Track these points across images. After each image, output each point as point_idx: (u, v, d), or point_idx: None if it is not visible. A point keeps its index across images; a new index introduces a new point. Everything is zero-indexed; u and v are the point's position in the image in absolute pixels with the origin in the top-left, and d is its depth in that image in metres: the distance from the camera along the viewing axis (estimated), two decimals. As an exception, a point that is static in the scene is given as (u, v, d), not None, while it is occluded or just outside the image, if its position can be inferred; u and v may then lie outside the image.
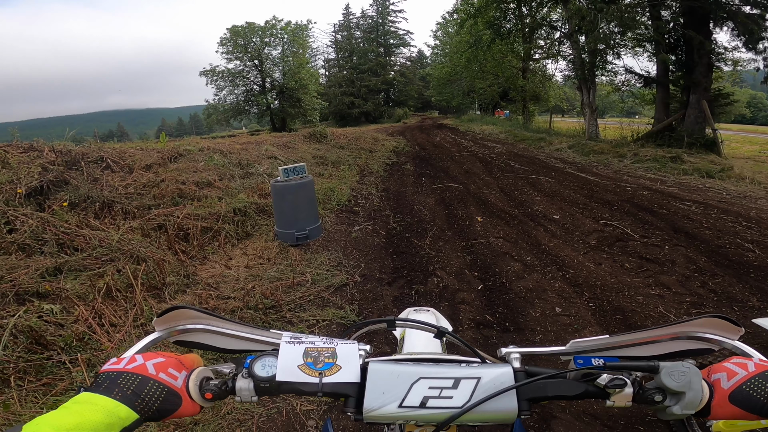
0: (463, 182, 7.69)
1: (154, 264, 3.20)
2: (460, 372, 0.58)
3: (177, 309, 0.64)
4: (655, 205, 5.49)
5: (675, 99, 10.95)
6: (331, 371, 0.59)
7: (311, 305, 3.16)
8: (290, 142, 10.03)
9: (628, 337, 0.65)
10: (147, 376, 0.52)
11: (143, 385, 0.51)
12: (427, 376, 0.57)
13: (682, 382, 0.53)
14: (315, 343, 0.62)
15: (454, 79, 32.95)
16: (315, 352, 0.61)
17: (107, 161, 4.92)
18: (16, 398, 2.00)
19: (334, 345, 0.62)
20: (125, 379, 0.50)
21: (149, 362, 0.54)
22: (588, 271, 3.63)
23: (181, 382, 0.55)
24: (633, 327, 2.85)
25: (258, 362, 0.60)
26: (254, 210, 4.87)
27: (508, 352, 0.67)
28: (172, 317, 0.65)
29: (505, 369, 0.59)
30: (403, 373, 0.58)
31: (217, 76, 32.12)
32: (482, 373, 0.58)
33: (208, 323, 0.66)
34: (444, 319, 1.58)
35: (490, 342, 2.77)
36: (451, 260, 4.01)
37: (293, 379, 0.58)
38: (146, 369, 0.53)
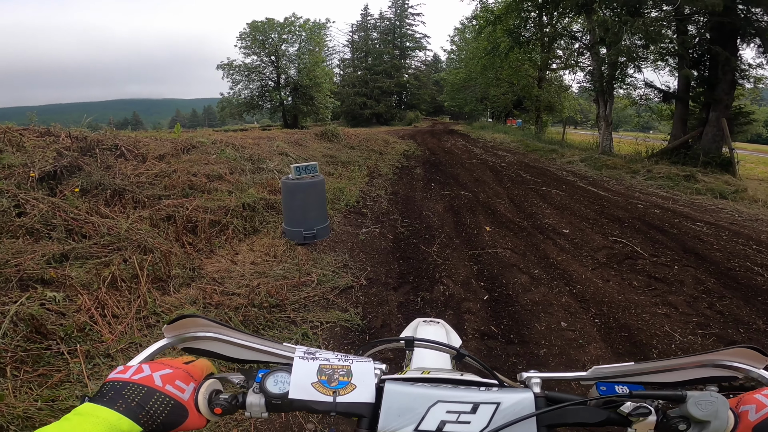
0: (472, 190, 7.65)
1: (161, 255, 3.21)
2: (478, 396, 0.56)
3: (188, 317, 0.63)
4: (666, 224, 5.41)
5: (693, 116, 10.76)
6: (346, 390, 0.57)
7: (316, 306, 3.14)
8: (302, 140, 10.06)
9: (653, 365, 0.63)
10: (153, 388, 0.50)
11: (149, 397, 0.49)
12: (445, 400, 0.55)
13: (709, 411, 0.52)
14: (329, 359, 0.61)
15: (468, 85, 32.86)
16: (329, 369, 0.59)
17: (122, 149, 4.96)
18: (10, 389, 1.99)
19: (349, 363, 0.61)
20: (130, 390, 0.49)
21: (156, 373, 0.52)
22: (595, 287, 3.58)
23: (188, 395, 0.53)
24: (638, 345, 2.82)
25: (270, 377, 0.58)
26: (263, 206, 4.88)
27: (528, 377, 0.65)
28: (182, 325, 0.63)
29: (525, 394, 0.57)
30: (421, 395, 0.56)
31: (234, 70, 32.33)
32: (502, 398, 0.56)
33: (218, 332, 0.65)
34: (454, 333, 1.56)
35: (494, 353, 2.74)
36: (458, 269, 3.98)
37: (306, 397, 0.56)
38: (153, 380, 0.51)
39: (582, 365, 2.64)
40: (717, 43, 9.36)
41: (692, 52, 10.32)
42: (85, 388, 2.14)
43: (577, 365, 2.65)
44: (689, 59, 10.29)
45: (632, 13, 10.40)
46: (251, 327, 2.77)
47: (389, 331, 2.93)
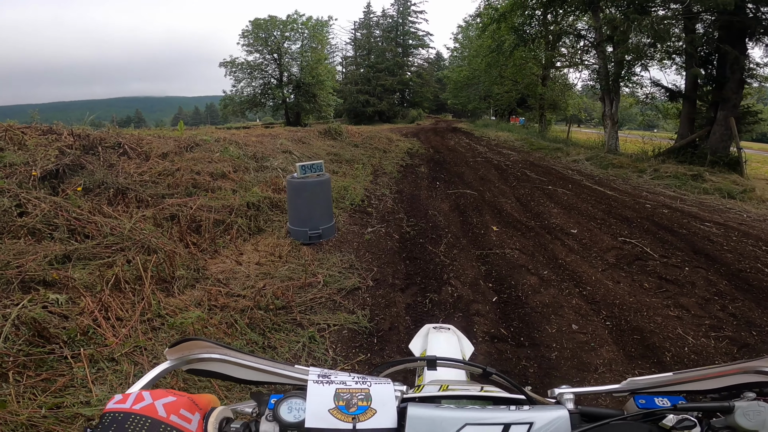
0: (478, 189, 7.58)
1: (165, 256, 3.16)
2: (509, 416, 0.52)
3: (190, 340, 0.58)
4: (675, 224, 5.34)
5: (701, 115, 10.66)
6: (366, 416, 0.53)
7: (322, 308, 3.09)
8: (305, 138, 10.00)
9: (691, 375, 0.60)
10: (157, 419, 0.45)
11: (153, 430, 0.44)
12: (474, 422, 0.51)
13: (757, 420, 0.50)
14: (346, 382, 0.56)
15: (471, 82, 32.72)
16: (347, 393, 0.55)
17: (124, 147, 4.91)
18: (13, 395, 1.95)
19: (367, 385, 0.56)
20: (133, 422, 0.44)
21: (159, 402, 0.47)
22: (606, 289, 3.51)
23: (195, 426, 0.48)
24: (651, 348, 2.76)
25: (284, 404, 0.54)
26: (267, 205, 4.83)
27: (561, 393, 0.62)
28: (185, 347, 0.59)
29: (560, 412, 0.53)
30: (447, 418, 0.52)
31: (236, 68, 32.32)
32: (534, 417, 0.52)
33: (224, 354, 0.60)
34: (465, 339, 1.51)
35: (504, 357, 2.69)
36: (465, 269, 3.92)
37: (324, 426, 0.52)
38: (156, 410, 0.46)
39: (594, 368, 2.59)
40: (726, 42, 9.25)
41: (700, 50, 10.21)
42: (89, 394, 2.10)
43: (589, 368, 2.59)
44: (697, 58, 10.17)
45: (640, 11, 10.29)
46: (258, 330, 2.72)
47: (398, 334, 2.87)
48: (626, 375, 2.52)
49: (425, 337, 1.46)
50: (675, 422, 0.52)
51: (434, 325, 1.52)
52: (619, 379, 0.65)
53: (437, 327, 1.49)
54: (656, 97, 12.66)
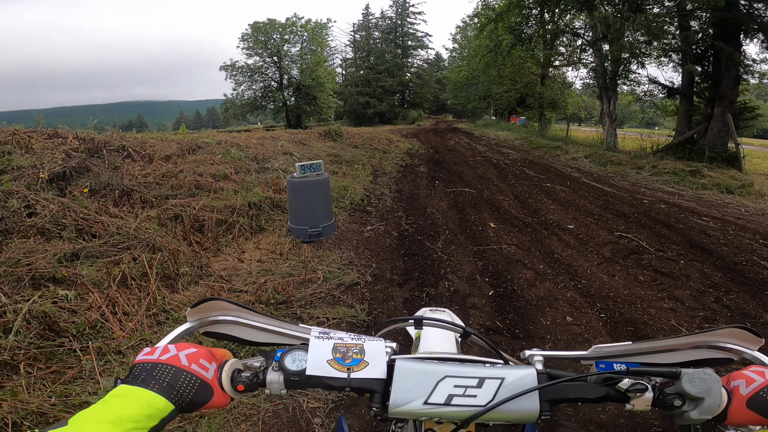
0: (476, 187, 7.66)
1: (169, 254, 3.25)
2: (484, 372, 0.58)
3: (210, 300, 0.66)
4: (672, 219, 5.40)
5: (698, 111, 10.72)
6: (359, 367, 0.60)
7: (322, 303, 3.17)
8: (305, 139, 10.10)
9: (650, 345, 0.66)
10: (180, 368, 0.52)
11: (177, 377, 0.52)
12: (453, 375, 0.58)
13: (702, 388, 0.54)
14: (343, 339, 0.64)
15: (471, 83, 32.78)
16: (343, 347, 0.62)
17: (128, 150, 5.01)
18: (24, 385, 2.04)
19: (362, 341, 0.64)
20: (161, 370, 0.51)
21: (182, 353, 0.55)
22: (601, 282, 3.58)
23: (212, 374, 0.56)
24: (643, 339, 2.81)
25: (288, 356, 0.61)
26: (268, 205, 4.92)
27: (531, 355, 0.68)
28: (204, 308, 0.66)
29: (528, 370, 0.59)
30: (430, 371, 0.59)
31: (237, 71, 32.43)
32: (506, 374, 0.58)
33: (238, 315, 0.67)
34: (459, 321, 1.58)
35: (499, 348, 2.75)
36: (462, 265, 3.99)
37: (322, 374, 0.59)
38: (179, 360, 0.53)
39: None
40: (720, 39, 9.31)
41: (695, 47, 10.27)
42: (96, 385, 2.19)
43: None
44: (692, 55, 10.22)
45: (634, 9, 10.36)
46: (259, 323, 2.80)
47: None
48: None
49: None
50: (629, 385, 0.57)
51: (430, 308, 1.56)
52: None
53: (433, 309, 1.54)
54: (654, 95, 12.73)
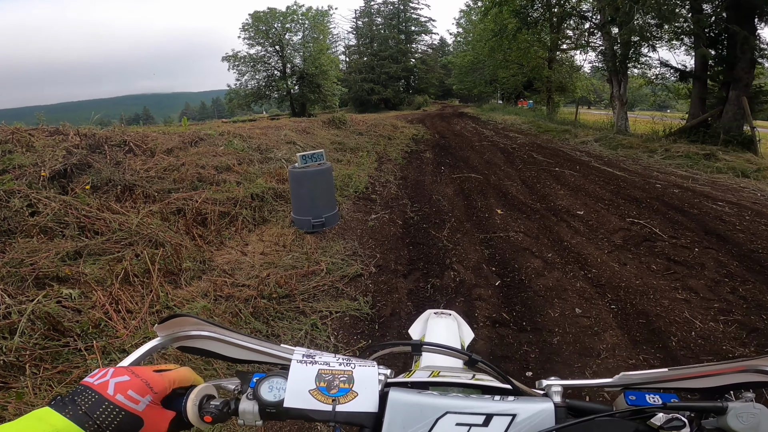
0: (483, 173, 7.53)
1: (172, 249, 3.22)
2: (492, 406, 0.51)
3: (179, 316, 0.60)
4: (686, 204, 5.24)
5: (712, 95, 10.43)
6: (347, 398, 0.53)
7: (325, 295, 3.13)
8: (309, 128, 10.00)
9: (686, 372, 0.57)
10: (104, 396, 0.47)
11: (98, 405, 0.47)
12: (455, 410, 0.51)
13: (750, 424, 0.48)
14: (330, 363, 0.57)
15: (476, 67, 32.25)
16: (329, 374, 0.55)
17: (130, 145, 4.98)
18: (30, 387, 2.03)
19: (350, 367, 0.56)
20: (86, 396, 0.47)
21: (114, 379, 0.49)
22: (612, 272, 3.49)
23: (143, 406, 0.50)
24: (656, 332, 2.73)
25: (265, 383, 0.55)
26: (271, 195, 4.87)
27: (548, 385, 0.59)
28: (174, 324, 0.60)
29: (544, 405, 0.51)
30: (428, 405, 0.52)
31: (239, 62, 32.27)
32: (518, 409, 0.51)
33: (213, 331, 0.61)
34: (466, 326, 1.50)
35: (505, 342, 2.70)
36: (468, 254, 3.92)
37: (303, 406, 0.52)
38: (107, 387, 0.48)
39: (597, 354, 2.58)
40: (734, 22, 9.01)
41: (708, 31, 9.95)
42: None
43: (591, 354, 2.58)
44: (706, 38, 9.92)
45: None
46: (261, 318, 2.77)
47: (399, 320, 2.90)
48: (630, 360, 2.51)
49: (425, 322, 1.44)
50: (664, 421, 0.49)
51: (435, 310, 1.47)
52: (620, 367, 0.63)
53: (438, 312, 1.44)
54: (666, 78, 12.40)
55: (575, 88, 23.15)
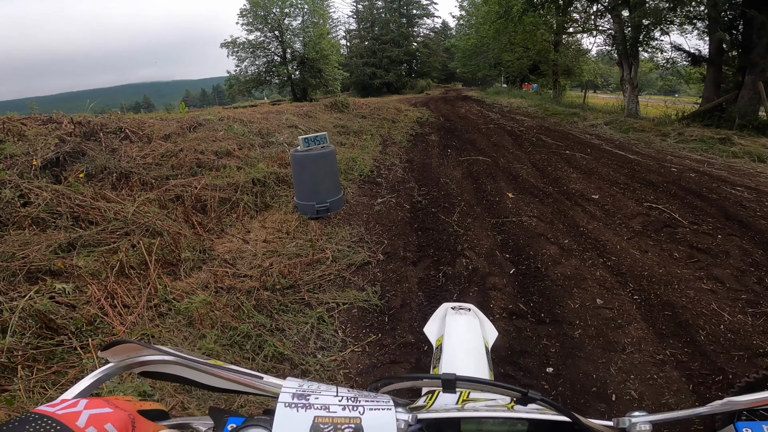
0: (491, 155, 7.31)
1: (170, 238, 3.06)
2: None
3: (123, 343, 0.47)
4: (703, 188, 5.02)
5: (727, 79, 10.25)
6: None
7: (331, 285, 2.98)
8: (311, 112, 9.76)
9: None
10: (70, 428, 0.38)
11: None
12: None
13: None
14: (330, 407, 0.41)
15: (480, 50, 31.63)
16: (329, 425, 0.39)
17: (126, 131, 4.78)
18: (22, 390, 1.89)
19: (358, 413, 0.40)
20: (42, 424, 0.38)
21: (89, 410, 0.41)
22: (632, 259, 3.31)
23: None
24: (683, 325, 2.57)
25: None
26: (274, 180, 4.69)
27: (634, 423, 0.45)
28: (123, 350, 0.47)
29: None
30: None
31: (238, 48, 31.73)
32: None
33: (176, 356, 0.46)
34: (488, 322, 1.35)
35: (523, 335, 2.54)
36: (480, 239, 3.75)
37: None
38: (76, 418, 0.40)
39: (622, 348, 2.42)
40: (751, 7, 8.76)
41: (724, 15, 9.72)
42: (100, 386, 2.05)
43: (616, 348, 2.42)
44: (722, 22, 9.69)
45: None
46: (265, 312, 2.62)
47: (410, 311, 2.75)
48: (657, 355, 2.34)
49: (442, 319, 1.29)
50: None
51: (452, 304, 1.34)
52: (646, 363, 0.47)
53: (456, 308, 1.31)
54: (677, 62, 12.21)
55: (582, 72, 22.66)
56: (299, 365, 2.31)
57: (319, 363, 2.33)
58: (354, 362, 2.36)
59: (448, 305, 1.34)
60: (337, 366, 2.32)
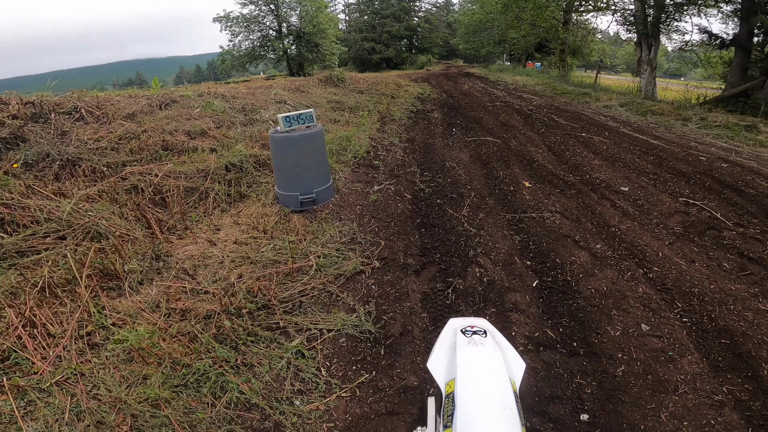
0: (501, 136, 6.67)
1: (116, 242, 2.47)
2: None
3: None
4: (739, 182, 4.42)
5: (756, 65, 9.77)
6: None
7: (314, 304, 2.41)
8: (304, 86, 8.99)
9: None
10: None
11: None
12: None
13: None
14: None
15: (485, 26, 30.43)
16: None
17: (81, 111, 4.09)
18: None
19: None
20: None
21: None
22: (679, 271, 2.75)
23: None
24: (743, 357, 2.07)
25: None
26: (253, 164, 4.05)
27: None
28: None
29: None
30: None
31: (232, 22, 30.37)
32: None
33: None
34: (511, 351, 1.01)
35: (553, 372, 2.01)
36: (496, 241, 3.17)
37: None
38: None
39: (674, 388, 1.92)
40: None
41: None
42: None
43: (667, 388, 1.92)
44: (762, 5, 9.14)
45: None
46: (228, 342, 2.05)
47: (412, 342, 2.19)
48: (715, 396, 1.87)
49: (452, 351, 0.99)
50: None
51: (462, 325, 1.05)
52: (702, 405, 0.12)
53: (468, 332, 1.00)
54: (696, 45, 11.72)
55: (591, 52, 21.72)
56: (270, 416, 1.78)
57: (296, 413, 1.79)
58: (341, 411, 1.82)
59: (457, 326, 1.07)
60: (319, 417, 1.78)
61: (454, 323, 1.10)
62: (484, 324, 1.07)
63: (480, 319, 1.09)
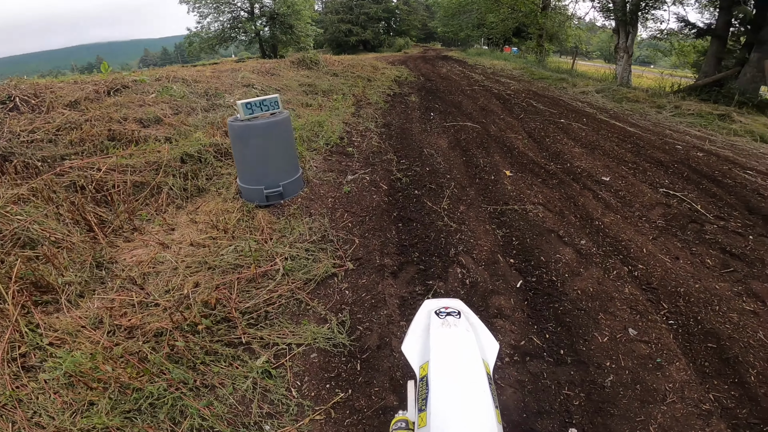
0: (480, 121, 6.50)
1: (50, 249, 2.14)
2: None
3: None
4: (716, 171, 4.40)
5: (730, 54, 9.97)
6: None
7: (281, 314, 2.18)
8: (274, 69, 8.52)
9: None
10: None
11: None
12: None
13: None
14: None
15: (464, 10, 30.04)
16: None
17: (15, 100, 3.62)
18: None
19: None
20: None
21: None
22: (663, 268, 2.65)
23: None
24: (730, 363, 1.99)
25: None
26: (213, 154, 3.71)
27: None
28: None
29: None
30: None
31: (200, 3, 28.69)
32: None
33: None
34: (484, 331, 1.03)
35: (540, 383, 1.87)
36: (478, 237, 3.01)
37: None
38: None
39: (662, 397, 1.83)
40: None
41: None
42: None
43: (655, 398, 1.82)
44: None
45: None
46: (184, 361, 1.80)
47: (390, 355, 2.00)
48: (702, 404, 1.79)
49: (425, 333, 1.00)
50: None
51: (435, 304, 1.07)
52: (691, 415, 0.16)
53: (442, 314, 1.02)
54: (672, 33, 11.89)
55: (567, 38, 21.77)
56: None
57: (264, 440, 1.58)
58: (314, 437, 1.63)
59: (431, 307, 1.07)
60: (290, 444, 1.58)
61: (428, 305, 1.10)
62: (458, 305, 1.07)
63: (454, 300, 1.09)
